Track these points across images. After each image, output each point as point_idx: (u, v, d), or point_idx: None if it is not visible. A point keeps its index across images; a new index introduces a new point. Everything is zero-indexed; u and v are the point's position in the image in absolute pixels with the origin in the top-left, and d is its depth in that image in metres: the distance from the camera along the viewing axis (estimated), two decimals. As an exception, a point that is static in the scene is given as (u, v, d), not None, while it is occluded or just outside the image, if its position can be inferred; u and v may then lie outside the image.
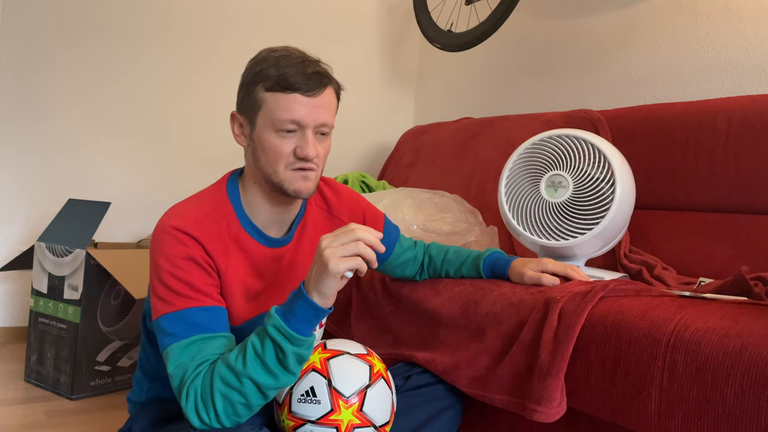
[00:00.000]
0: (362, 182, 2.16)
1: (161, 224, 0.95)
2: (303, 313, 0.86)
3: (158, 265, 0.93)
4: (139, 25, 2.33)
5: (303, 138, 0.96)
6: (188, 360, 0.89)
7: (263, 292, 1.04)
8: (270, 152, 0.96)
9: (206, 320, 0.92)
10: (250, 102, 0.97)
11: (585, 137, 1.33)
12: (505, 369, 1.09)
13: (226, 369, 0.85)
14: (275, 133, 0.95)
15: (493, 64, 2.53)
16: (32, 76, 2.17)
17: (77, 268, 1.74)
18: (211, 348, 0.90)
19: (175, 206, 0.99)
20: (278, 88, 0.94)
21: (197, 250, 0.94)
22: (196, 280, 0.93)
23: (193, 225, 0.95)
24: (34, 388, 1.80)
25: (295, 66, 0.94)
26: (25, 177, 2.19)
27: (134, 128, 2.35)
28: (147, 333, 1.10)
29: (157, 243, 0.94)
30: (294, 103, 0.94)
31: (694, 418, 0.88)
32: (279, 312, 0.87)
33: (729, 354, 0.86)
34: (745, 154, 1.44)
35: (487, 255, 1.28)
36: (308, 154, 0.95)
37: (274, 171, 0.97)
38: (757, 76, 1.68)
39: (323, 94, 0.96)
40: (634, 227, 1.60)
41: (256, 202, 1.02)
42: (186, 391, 0.87)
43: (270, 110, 0.95)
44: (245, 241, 1.01)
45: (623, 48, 2.02)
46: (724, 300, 1.11)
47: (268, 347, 0.85)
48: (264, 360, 0.85)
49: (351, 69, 2.80)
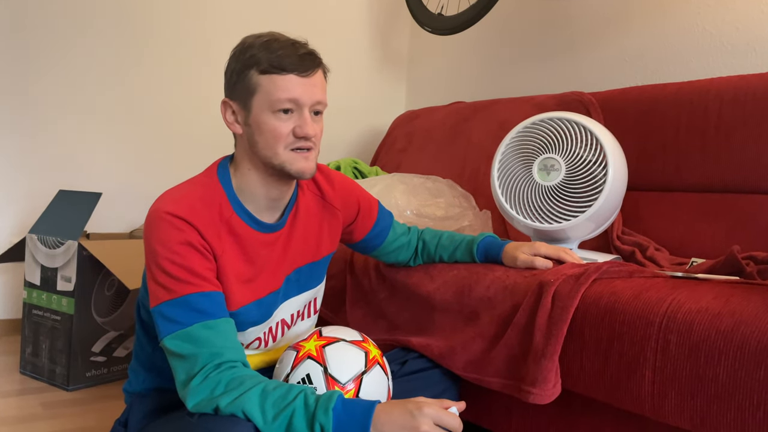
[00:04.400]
0: (355, 168, 2.15)
1: (155, 210, 0.94)
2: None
3: (155, 252, 0.92)
4: (128, 16, 2.30)
5: (301, 117, 0.97)
6: (200, 349, 0.89)
7: (257, 278, 1.03)
8: (268, 134, 0.97)
9: (208, 305, 0.92)
10: (243, 87, 0.97)
11: (577, 120, 1.33)
12: (500, 352, 1.10)
13: (252, 405, 0.85)
14: (273, 115, 0.96)
15: (485, 48, 2.51)
16: (21, 69, 2.14)
17: (70, 260, 1.73)
18: (220, 339, 0.90)
19: (167, 192, 0.98)
20: (274, 70, 0.95)
21: (193, 235, 0.93)
22: (195, 265, 0.92)
23: (188, 210, 0.94)
24: (29, 380, 1.80)
25: (287, 48, 0.96)
26: (15, 169, 2.17)
27: (124, 119, 2.33)
28: (141, 323, 1.09)
29: (152, 229, 0.94)
30: (290, 82, 0.95)
31: (688, 397, 0.89)
32: (335, 412, 0.84)
33: (721, 333, 0.87)
34: (736, 134, 1.44)
35: (481, 239, 1.29)
36: (308, 133, 0.96)
37: (274, 153, 0.97)
38: (748, 55, 1.68)
39: (316, 74, 0.98)
40: (626, 209, 1.60)
41: (249, 187, 1.02)
42: (203, 378, 0.87)
43: (267, 92, 0.95)
44: (237, 226, 1.00)
45: (614, 29, 2.01)
46: (717, 280, 1.12)
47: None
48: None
49: (341, 54, 2.77)
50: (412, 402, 0.86)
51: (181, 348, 0.89)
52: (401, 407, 0.85)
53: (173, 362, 0.91)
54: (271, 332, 1.10)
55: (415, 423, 0.83)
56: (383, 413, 0.84)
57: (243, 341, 1.06)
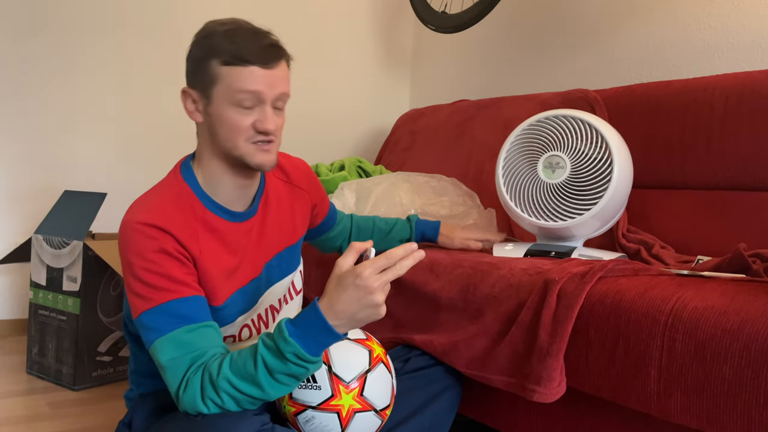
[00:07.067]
0: (359, 167, 2.15)
1: (126, 222, 0.93)
2: (325, 341, 0.86)
3: (131, 263, 0.92)
4: (129, 17, 2.30)
5: (262, 112, 0.95)
6: (182, 354, 0.88)
7: (239, 267, 1.03)
8: (228, 127, 0.95)
9: (188, 311, 0.91)
10: (203, 76, 0.95)
11: (582, 117, 1.32)
12: (505, 350, 1.10)
13: (233, 375, 0.86)
14: (233, 108, 0.94)
15: (489, 46, 2.51)
16: (24, 69, 2.15)
17: (75, 260, 1.74)
18: (202, 341, 0.90)
19: (136, 202, 0.97)
20: (236, 62, 0.92)
21: (168, 241, 0.92)
22: (171, 272, 0.92)
23: (159, 216, 0.93)
24: (36, 380, 1.81)
25: (250, 39, 0.93)
26: (20, 170, 2.18)
27: (129, 120, 2.33)
28: (132, 337, 1.09)
29: (125, 242, 0.93)
30: (252, 75, 0.93)
31: (694, 396, 0.88)
32: (294, 335, 0.85)
33: (727, 332, 0.86)
34: (742, 131, 1.43)
35: (416, 220, 1.42)
36: (268, 128, 0.95)
37: (234, 146, 0.96)
38: (754, 52, 1.67)
39: (279, 66, 0.95)
40: (631, 207, 1.59)
41: (216, 179, 1.00)
42: (185, 384, 0.87)
43: (228, 85, 0.93)
44: (212, 220, 1.00)
45: (619, 26, 2.00)
46: (723, 278, 1.11)
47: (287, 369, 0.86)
48: (277, 378, 0.86)
49: (345, 53, 2.77)
50: (344, 277, 0.85)
51: (166, 354, 0.89)
52: (341, 288, 0.84)
53: (162, 373, 0.91)
54: (261, 319, 1.11)
55: (365, 291, 0.83)
56: (336, 303, 0.84)
57: (233, 332, 1.07)
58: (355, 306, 0.84)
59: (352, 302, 0.84)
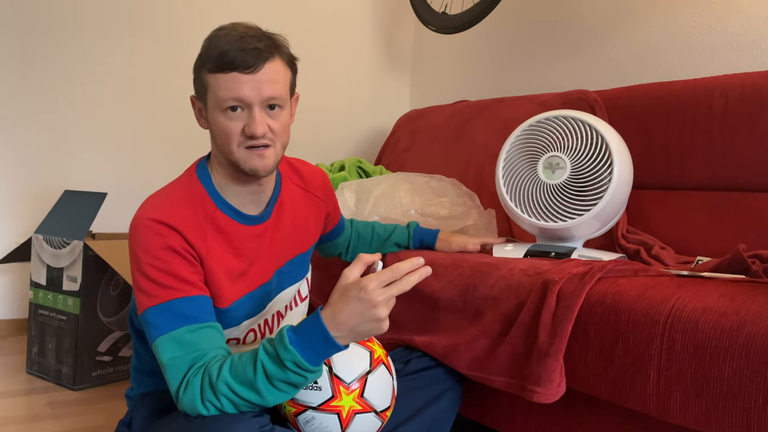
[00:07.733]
0: (359, 168, 2.15)
1: (137, 218, 0.94)
2: (325, 351, 0.86)
3: (138, 259, 0.92)
4: (130, 17, 2.30)
5: (250, 116, 0.94)
6: (183, 354, 0.89)
7: (248, 271, 1.03)
8: (221, 133, 0.96)
9: (192, 310, 0.91)
10: (199, 85, 0.98)
11: (582, 118, 1.32)
12: (505, 351, 1.10)
13: (233, 379, 0.86)
14: (222, 114, 0.95)
15: (489, 46, 2.51)
16: (24, 70, 2.15)
17: (75, 260, 1.74)
18: (204, 342, 0.90)
19: (149, 198, 0.98)
20: (217, 69, 0.93)
21: (176, 240, 0.93)
22: (178, 270, 0.92)
23: (169, 214, 0.94)
24: (36, 380, 1.81)
25: (233, 44, 0.93)
26: (20, 169, 2.18)
27: (129, 119, 2.33)
28: (136, 333, 1.09)
29: (135, 237, 0.93)
30: (233, 81, 0.92)
31: (693, 396, 0.89)
32: (295, 343, 0.85)
33: (726, 332, 0.86)
34: (742, 131, 1.44)
35: (414, 227, 1.42)
36: (255, 132, 0.94)
37: (229, 151, 0.97)
38: (753, 52, 1.67)
39: (264, 69, 0.94)
40: (631, 207, 1.59)
41: (226, 183, 1.02)
42: (185, 385, 0.87)
43: (214, 92, 0.94)
44: (222, 221, 1.00)
45: (619, 27, 2.01)
46: (722, 278, 1.11)
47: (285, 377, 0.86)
48: (276, 385, 0.86)
49: (345, 54, 2.77)
50: (348, 289, 0.84)
51: (168, 353, 0.89)
52: (344, 300, 0.84)
53: (163, 371, 0.91)
54: (267, 324, 1.11)
55: (368, 304, 0.83)
56: (339, 315, 0.84)
57: (238, 335, 1.07)
58: (357, 319, 0.84)
59: (355, 315, 0.84)
